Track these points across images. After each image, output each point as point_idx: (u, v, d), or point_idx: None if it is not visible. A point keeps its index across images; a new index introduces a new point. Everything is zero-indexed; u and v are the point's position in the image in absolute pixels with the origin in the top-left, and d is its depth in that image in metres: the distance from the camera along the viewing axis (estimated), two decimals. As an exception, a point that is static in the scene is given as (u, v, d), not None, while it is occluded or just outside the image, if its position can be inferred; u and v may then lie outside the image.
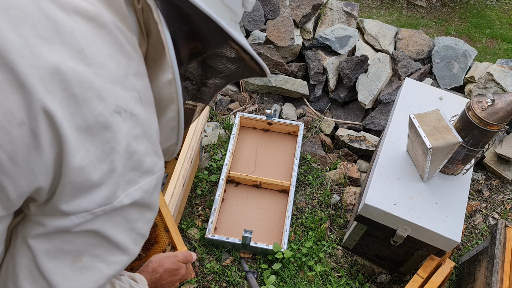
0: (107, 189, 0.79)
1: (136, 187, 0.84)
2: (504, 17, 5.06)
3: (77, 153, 0.74)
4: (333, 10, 3.54)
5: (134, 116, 0.80)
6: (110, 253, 0.86)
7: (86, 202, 0.78)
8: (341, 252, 2.51)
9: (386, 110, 3.08)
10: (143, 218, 0.89)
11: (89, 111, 0.74)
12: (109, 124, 0.76)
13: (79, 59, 0.73)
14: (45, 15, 0.72)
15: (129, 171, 0.82)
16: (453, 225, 2.02)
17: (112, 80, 0.77)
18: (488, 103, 1.86)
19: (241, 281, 2.33)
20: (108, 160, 0.78)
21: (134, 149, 0.81)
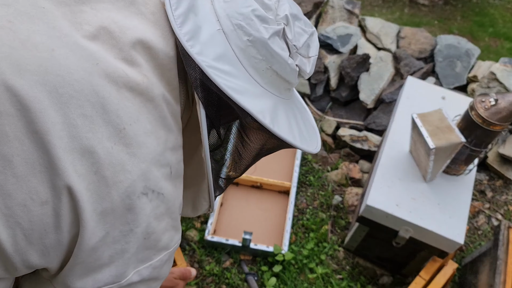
0: (117, 269, 0.77)
1: (148, 265, 0.82)
2: (507, 16, 5.03)
3: (94, 236, 0.72)
4: (335, 8, 3.51)
5: (161, 195, 0.79)
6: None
7: (93, 280, 0.76)
8: (342, 254, 2.49)
9: (388, 110, 3.05)
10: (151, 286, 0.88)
11: (117, 194, 0.72)
12: (133, 207, 0.74)
13: (118, 139, 0.72)
14: (96, 92, 0.70)
15: (143, 250, 0.80)
16: (456, 226, 2.00)
17: (147, 160, 0.76)
18: (491, 102, 1.84)
19: (241, 284, 2.31)
20: (124, 241, 0.76)
21: (154, 229, 0.80)
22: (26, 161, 0.67)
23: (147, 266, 0.82)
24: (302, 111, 1.01)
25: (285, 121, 0.89)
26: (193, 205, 1.03)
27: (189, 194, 1.00)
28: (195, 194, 1.01)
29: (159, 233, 0.81)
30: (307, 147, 0.94)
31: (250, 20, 0.82)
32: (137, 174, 0.74)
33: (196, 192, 1.00)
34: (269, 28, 0.82)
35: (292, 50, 0.86)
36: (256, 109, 0.81)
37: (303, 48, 0.88)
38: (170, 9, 0.80)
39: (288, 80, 0.89)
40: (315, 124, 1.05)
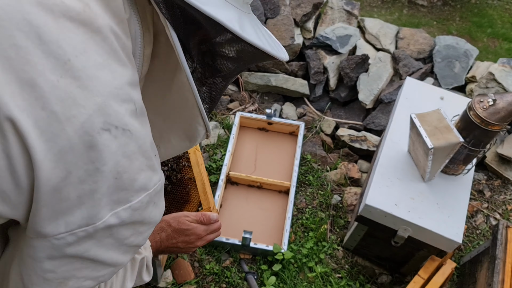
0: (88, 210, 0.73)
1: (126, 206, 0.78)
2: (505, 17, 5.04)
3: (54, 176, 0.68)
4: (334, 9, 3.52)
5: (127, 132, 0.74)
6: (97, 270, 0.83)
7: (65, 224, 0.72)
8: (341, 253, 2.50)
9: (387, 110, 3.06)
10: (136, 233, 0.84)
11: (73, 130, 0.67)
12: (94, 144, 0.69)
13: (63, 72, 0.66)
14: (28, 21, 0.64)
15: (117, 191, 0.75)
16: (454, 225, 2.01)
17: (103, 94, 0.70)
18: (490, 103, 1.85)
19: (241, 282, 2.32)
20: (91, 180, 0.71)
21: (125, 168, 0.75)
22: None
23: (126, 207, 0.78)
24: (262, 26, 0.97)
25: (252, 30, 0.85)
26: (187, 136, 0.97)
27: (179, 127, 0.95)
28: (186, 124, 0.94)
29: (132, 173, 0.76)
30: (278, 53, 0.89)
31: None
32: (92, 109, 0.68)
33: (186, 122, 0.93)
34: None
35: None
36: (224, 17, 0.76)
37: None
38: None
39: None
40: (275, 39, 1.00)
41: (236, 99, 3.22)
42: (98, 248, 0.78)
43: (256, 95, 3.27)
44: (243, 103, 3.20)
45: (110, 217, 0.76)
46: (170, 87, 0.87)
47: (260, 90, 3.28)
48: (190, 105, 0.87)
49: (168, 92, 0.88)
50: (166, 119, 0.92)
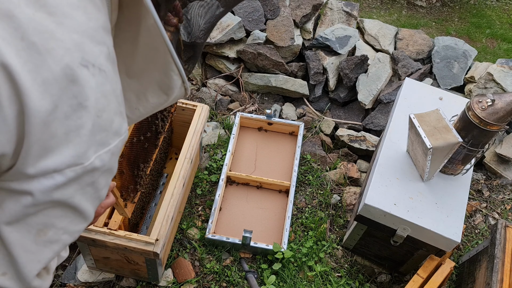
0: (76, 148, 0.73)
1: (107, 149, 0.79)
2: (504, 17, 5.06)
3: (42, 107, 0.67)
4: (333, 10, 3.54)
5: (103, 72, 0.75)
6: (75, 223, 0.83)
7: (53, 161, 0.72)
8: (341, 252, 2.51)
9: (386, 110, 3.08)
10: (106, 184, 0.84)
11: (54, 62, 0.67)
12: (76, 78, 0.70)
13: (38, 7, 0.66)
14: None
15: (99, 131, 0.76)
16: (453, 225, 2.02)
17: (79, 32, 0.71)
18: (488, 103, 1.86)
19: (241, 281, 2.33)
20: (76, 116, 0.71)
21: (104, 107, 0.75)
22: None
23: (106, 151, 0.79)
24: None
25: None
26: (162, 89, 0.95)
27: (154, 81, 0.93)
28: (160, 76, 0.92)
29: (110, 113, 0.77)
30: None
31: None
32: (70, 44, 0.69)
33: (160, 73, 0.91)
34: None
35: None
36: None
37: None
38: None
39: None
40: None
41: (236, 100, 3.23)
42: (81, 196, 0.78)
43: (256, 95, 3.28)
44: (243, 103, 3.21)
45: (95, 159, 0.76)
46: (137, 37, 0.86)
47: (260, 90, 3.29)
48: (162, 53, 0.86)
49: (137, 44, 0.87)
50: (140, 78, 0.91)
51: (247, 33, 3.24)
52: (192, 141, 2.28)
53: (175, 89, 0.93)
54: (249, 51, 3.13)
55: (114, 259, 2.11)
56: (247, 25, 3.23)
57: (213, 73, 3.33)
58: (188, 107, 2.42)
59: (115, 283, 2.26)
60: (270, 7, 3.31)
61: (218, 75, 3.28)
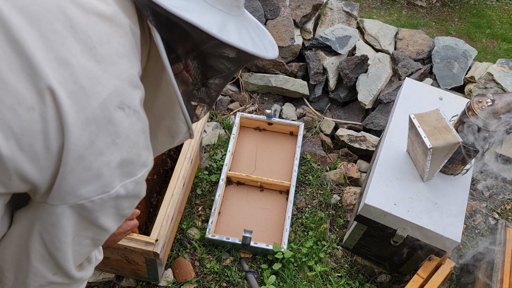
0: (105, 179, 0.85)
1: (132, 179, 0.90)
2: (504, 17, 5.06)
3: (81, 142, 0.79)
4: (333, 10, 3.54)
5: (136, 113, 0.87)
6: (98, 234, 0.96)
7: (85, 191, 0.84)
8: (341, 252, 2.51)
9: (386, 110, 3.08)
10: (131, 205, 0.96)
11: (96, 104, 0.80)
12: (112, 118, 0.82)
13: (90, 56, 0.80)
14: (63, 12, 0.79)
15: (127, 164, 0.88)
16: (453, 225, 2.02)
17: (121, 78, 0.84)
18: (488, 103, 1.86)
19: (241, 281, 2.33)
20: (108, 151, 0.83)
21: (134, 144, 0.87)
22: (10, 67, 0.75)
23: (132, 181, 0.90)
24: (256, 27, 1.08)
25: (236, 31, 0.96)
26: (171, 132, 1.08)
27: (165, 123, 1.05)
28: (170, 121, 1.05)
29: (139, 149, 0.90)
30: (260, 51, 0.99)
31: None
32: (112, 88, 0.82)
33: (171, 119, 1.04)
34: None
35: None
36: (202, 21, 0.88)
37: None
38: None
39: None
40: (271, 37, 1.11)
41: (237, 100, 3.23)
42: (104, 216, 0.91)
43: (256, 95, 3.28)
44: (243, 103, 3.21)
45: (120, 188, 0.88)
46: (159, 85, 0.99)
47: (260, 90, 3.29)
48: (174, 102, 0.99)
49: (158, 90, 1.00)
50: (155, 116, 1.03)
51: (247, 33, 3.23)
52: (192, 141, 2.28)
53: (180, 134, 1.07)
54: (249, 51, 3.12)
55: (114, 259, 2.11)
56: (247, 25, 3.22)
57: (213, 73, 3.32)
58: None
59: (115, 283, 2.26)
60: (270, 7, 3.31)
61: (218, 75, 3.28)
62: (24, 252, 0.94)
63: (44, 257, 0.93)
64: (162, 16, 0.89)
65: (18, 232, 0.95)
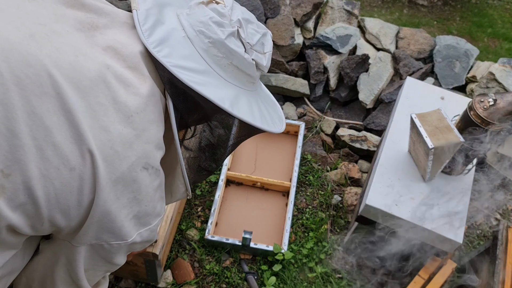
0: (125, 229, 1.00)
1: (147, 228, 1.05)
2: (506, 16, 5.04)
3: (108, 199, 0.93)
4: (334, 8, 3.52)
5: (158, 171, 1.02)
6: (109, 267, 1.14)
7: (106, 237, 0.99)
8: (342, 253, 2.50)
9: (387, 110, 3.06)
10: (143, 247, 1.12)
11: (126, 166, 0.94)
12: (137, 178, 0.97)
13: (127, 124, 0.94)
14: (108, 88, 0.94)
15: (144, 216, 1.03)
16: (455, 225, 2.00)
17: (149, 142, 0.98)
18: (490, 102, 1.85)
19: (241, 283, 2.31)
20: (129, 205, 0.98)
21: (152, 198, 1.02)
22: (61, 133, 0.89)
23: (147, 229, 1.05)
24: (268, 101, 1.22)
25: (247, 106, 1.08)
26: (170, 190, 1.20)
27: (168, 181, 1.16)
28: (172, 180, 1.18)
29: (155, 202, 1.04)
30: (267, 127, 1.12)
31: (209, 25, 1.04)
32: (141, 152, 0.96)
33: (173, 178, 1.17)
34: (225, 30, 1.04)
35: (247, 47, 1.08)
36: (216, 96, 1.01)
37: (257, 45, 1.10)
38: (138, 25, 1.02)
39: (248, 73, 1.09)
40: (281, 112, 1.26)
41: (236, 99, 3.21)
42: (118, 256, 1.08)
43: (256, 95, 3.27)
44: (243, 103, 3.19)
45: (136, 236, 1.04)
46: (170, 146, 1.10)
47: (260, 90, 3.27)
48: (178, 165, 1.13)
49: (169, 149, 1.11)
50: None
51: (247, 32, 3.22)
52: (192, 141, 2.27)
53: (178, 194, 1.21)
54: (249, 50, 3.11)
55: (113, 260, 2.09)
56: (247, 24, 3.20)
57: (213, 72, 3.31)
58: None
59: (114, 284, 2.25)
60: (271, 5, 3.29)
61: (218, 75, 3.27)
62: (49, 277, 1.12)
63: (68, 282, 1.12)
64: (180, 89, 1.02)
65: (43, 261, 1.13)
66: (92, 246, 1.02)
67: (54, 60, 0.91)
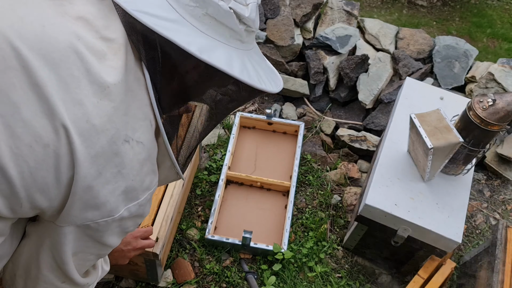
0: (111, 205, 0.94)
1: (136, 203, 0.99)
2: (505, 17, 5.05)
3: (89, 175, 0.88)
4: (334, 9, 3.53)
5: (140, 144, 0.95)
6: (101, 250, 1.07)
7: (91, 215, 0.94)
8: (341, 253, 2.50)
9: (387, 110, 3.07)
10: (134, 223, 1.06)
11: (105, 140, 0.88)
12: (119, 152, 0.91)
13: (103, 96, 0.88)
14: (80, 59, 0.87)
15: (132, 191, 0.97)
16: (454, 225, 2.01)
17: (128, 114, 0.92)
18: (489, 103, 1.85)
19: (241, 282, 2.32)
20: (114, 180, 0.92)
21: (138, 172, 0.96)
22: (30, 108, 0.83)
23: (135, 204, 0.99)
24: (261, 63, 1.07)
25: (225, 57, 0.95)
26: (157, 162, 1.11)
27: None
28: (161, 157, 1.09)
29: (142, 176, 0.98)
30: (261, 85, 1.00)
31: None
32: (120, 124, 0.90)
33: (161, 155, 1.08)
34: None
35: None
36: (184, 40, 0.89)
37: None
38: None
39: (229, 26, 0.95)
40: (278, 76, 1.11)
41: (236, 99, 3.22)
42: (108, 235, 1.01)
43: (256, 95, 3.27)
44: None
45: (124, 211, 0.97)
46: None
47: (260, 90, 3.27)
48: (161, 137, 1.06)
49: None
50: None
51: (247, 32, 3.23)
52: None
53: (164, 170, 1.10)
54: (249, 50, 3.11)
55: (113, 259, 2.10)
56: (247, 24, 3.21)
57: (213, 72, 3.31)
58: (187, 107, 2.41)
59: (114, 283, 2.25)
60: (270, 6, 3.30)
61: (218, 75, 3.27)
62: (34, 262, 1.05)
63: (54, 267, 1.04)
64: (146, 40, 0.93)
65: (29, 245, 1.06)
66: (78, 228, 0.96)
67: (18, 31, 0.85)
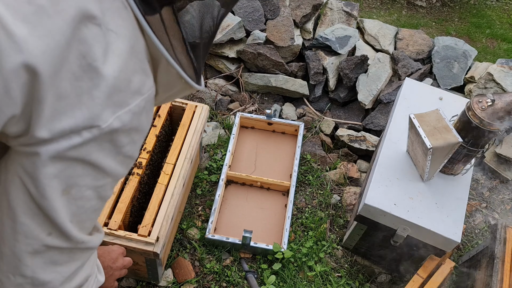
0: (89, 110, 0.72)
1: (127, 110, 0.78)
2: (504, 17, 5.06)
3: (45, 70, 0.66)
4: (333, 10, 3.54)
5: (111, 32, 0.72)
6: (96, 179, 0.82)
7: (67, 123, 0.71)
8: (341, 252, 2.51)
9: (386, 110, 3.08)
10: (132, 141, 0.83)
11: (63, 23, 0.67)
12: (85, 38, 0.69)
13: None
14: None
15: (116, 92, 0.75)
16: (453, 225, 2.02)
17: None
18: (488, 103, 1.86)
19: (241, 281, 2.33)
20: (86, 77, 0.70)
21: (118, 67, 0.74)
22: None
23: (126, 111, 0.78)
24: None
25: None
26: None
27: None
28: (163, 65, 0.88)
29: (127, 72, 0.76)
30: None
31: None
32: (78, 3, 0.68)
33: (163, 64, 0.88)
34: None
35: None
36: None
37: None
38: None
39: None
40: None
41: (236, 100, 3.23)
42: (99, 152, 0.78)
43: (256, 95, 3.28)
44: (243, 103, 3.21)
45: (114, 120, 0.76)
46: None
47: (260, 90, 3.29)
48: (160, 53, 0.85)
49: None
50: None
51: (247, 33, 3.24)
52: (192, 141, 2.28)
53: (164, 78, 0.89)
54: (249, 51, 3.13)
55: (114, 259, 2.10)
56: (247, 25, 3.23)
57: (213, 73, 3.33)
58: (188, 107, 2.42)
59: (115, 283, 2.26)
60: (270, 7, 3.31)
61: (218, 75, 3.28)
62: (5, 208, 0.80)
63: (33, 209, 0.78)
64: None
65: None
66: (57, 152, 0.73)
67: None
